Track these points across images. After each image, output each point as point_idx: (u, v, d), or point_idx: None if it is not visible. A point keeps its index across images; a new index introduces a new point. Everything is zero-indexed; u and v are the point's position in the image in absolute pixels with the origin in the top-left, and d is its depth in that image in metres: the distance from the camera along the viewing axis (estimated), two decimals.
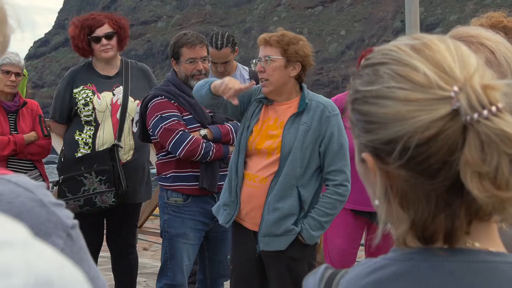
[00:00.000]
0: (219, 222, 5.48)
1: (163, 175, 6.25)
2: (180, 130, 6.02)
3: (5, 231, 0.60)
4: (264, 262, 5.27)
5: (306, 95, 5.26)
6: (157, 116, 6.09)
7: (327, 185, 5.22)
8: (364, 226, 6.62)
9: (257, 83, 5.86)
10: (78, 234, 1.36)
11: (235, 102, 5.11)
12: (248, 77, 7.10)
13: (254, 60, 5.29)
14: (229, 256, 5.63)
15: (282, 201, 5.11)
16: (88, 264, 1.41)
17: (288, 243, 5.12)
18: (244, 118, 5.33)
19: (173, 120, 6.07)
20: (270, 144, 5.19)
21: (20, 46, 8.77)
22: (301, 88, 5.31)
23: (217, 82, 5.21)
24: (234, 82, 5.17)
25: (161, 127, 6.06)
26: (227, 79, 5.26)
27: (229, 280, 6.63)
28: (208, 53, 6.34)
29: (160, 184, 6.36)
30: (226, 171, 6.15)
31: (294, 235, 5.12)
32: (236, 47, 7.17)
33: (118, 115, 6.62)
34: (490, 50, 1.99)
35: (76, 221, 1.40)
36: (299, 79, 5.26)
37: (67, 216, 1.36)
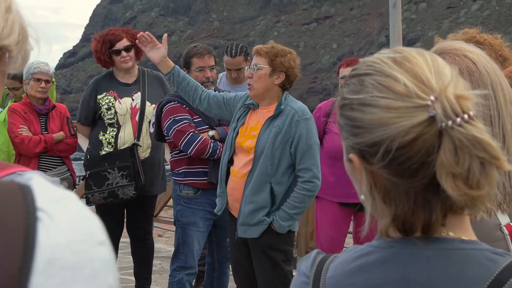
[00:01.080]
0: (214, 211, 5.54)
1: (176, 171, 6.27)
2: (191, 131, 6.04)
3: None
4: (250, 249, 5.31)
5: (283, 101, 5.27)
6: (170, 119, 6.12)
7: (298, 182, 5.22)
8: (351, 215, 6.62)
9: None
10: None
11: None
12: None
13: (246, 67, 5.34)
14: (228, 240, 5.66)
15: (256, 195, 5.15)
16: None
17: (260, 232, 5.17)
18: (232, 121, 5.38)
19: (185, 123, 6.10)
20: (250, 143, 5.24)
21: (51, 57, 8.74)
22: (283, 94, 5.31)
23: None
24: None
25: (174, 128, 6.09)
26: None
27: None
28: (215, 63, 6.36)
29: (173, 178, 6.37)
30: None
31: (266, 225, 5.16)
32: (249, 57, 7.18)
33: (137, 118, 6.66)
34: (472, 61, 1.99)
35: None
36: (283, 87, 5.26)
37: None
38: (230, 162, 5.38)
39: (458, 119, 1.31)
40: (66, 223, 0.65)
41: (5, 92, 9.04)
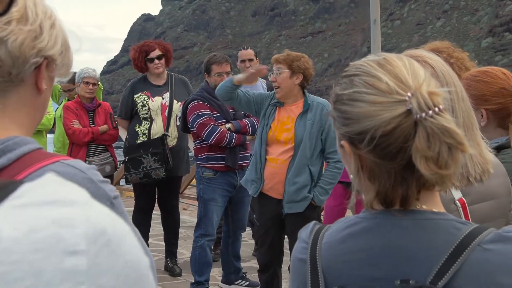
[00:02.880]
0: (249, 193, 5.45)
1: (199, 156, 6.27)
2: (212, 124, 6.04)
3: (70, 193, 0.59)
4: (285, 221, 5.23)
5: (308, 97, 5.25)
6: (195, 114, 6.12)
7: (328, 162, 5.20)
8: (347, 192, 6.59)
9: (271, 90, 5.92)
10: (119, 203, 1.36)
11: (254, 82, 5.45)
12: (266, 87, 7.14)
13: (269, 73, 5.28)
14: (254, 216, 5.62)
15: (298, 176, 5.09)
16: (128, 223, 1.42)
17: (305, 207, 5.11)
18: (263, 118, 5.30)
19: (206, 117, 6.09)
20: (286, 135, 5.16)
21: (97, 65, 8.79)
22: (303, 92, 5.29)
23: (239, 76, 5.32)
24: (253, 73, 5.35)
25: (198, 122, 6.08)
26: (249, 71, 5.38)
27: (244, 232, 6.70)
28: (231, 69, 6.39)
29: (196, 162, 6.36)
30: (245, 153, 6.25)
31: (309, 201, 5.11)
32: (258, 58, 7.20)
33: (166, 113, 6.68)
34: (431, 66, 1.99)
35: (117, 193, 1.39)
36: (302, 85, 5.23)
37: (111, 189, 1.35)
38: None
39: (430, 112, 1.30)
40: (12, 232, 0.55)
41: (59, 92, 9.11)
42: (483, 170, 1.90)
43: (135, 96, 6.73)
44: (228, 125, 6.13)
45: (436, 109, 1.31)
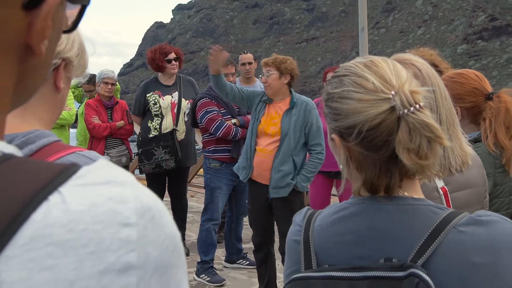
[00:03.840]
0: (240, 178, 5.47)
1: (206, 148, 6.28)
2: (219, 119, 6.07)
3: (121, 175, 0.62)
4: (272, 205, 5.25)
5: (294, 96, 5.25)
6: (203, 110, 6.14)
7: (311, 153, 5.21)
8: (333, 182, 6.59)
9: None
10: None
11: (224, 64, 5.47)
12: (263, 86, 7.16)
13: (260, 75, 5.32)
14: (247, 201, 5.64)
15: (283, 165, 5.11)
16: None
17: (288, 192, 5.12)
18: (254, 113, 5.32)
19: (214, 113, 6.11)
20: (273, 129, 5.18)
21: (115, 67, 8.80)
22: (290, 91, 5.30)
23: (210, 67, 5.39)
24: (218, 56, 5.36)
25: (207, 117, 6.10)
26: (213, 57, 5.38)
27: (246, 217, 6.70)
28: (236, 71, 6.41)
29: (204, 154, 6.36)
30: None
31: (292, 186, 5.12)
32: (256, 61, 7.16)
33: (175, 110, 6.66)
34: (418, 68, 1.99)
35: None
36: (289, 85, 5.24)
37: None
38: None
39: (412, 108, 1.30)
40: (78, 206, 0.57)
41: (81, 93, 9.15)
42: (463, 161, 1.91)
43: (147, 95, 6.72)
44: (233, 120, 6.16)
45: (417, 106, 1.31)
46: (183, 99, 6.71)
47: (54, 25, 0.67)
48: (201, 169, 9.52)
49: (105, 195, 0.59)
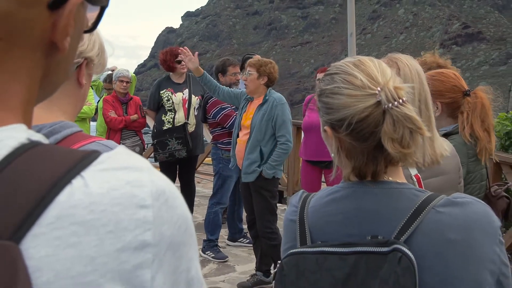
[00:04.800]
0: (229, 165, 5.52)
1: (219, 141, 6.28)
2: (235, 115, 6.03)
3: (137, 162, 0.62)
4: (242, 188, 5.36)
5: (267, 94, 5.22)
6: (218, 107, 6.16)
7: (277, 144, 5.18)
8: (321, 171, 6.59)
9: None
10: None
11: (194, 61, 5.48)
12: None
13: (241, 73, 5.33)
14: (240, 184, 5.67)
15: (251, 154, 5.13)
16: None
17: (254, 177, 5.13)
18: (239, 110, 5.37)
19: (229, 109, 6.16)
20: (248, 122, 5.21)
21: (130, 67, 8.80)
22: (268, 90, 5.28)
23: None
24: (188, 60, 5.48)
25: (222, 113, 6.16)
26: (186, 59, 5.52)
27: None
28: (240, 70, 6.43)
29: (218, 146, 6.32)
30: None
31: (257, 173, 5.11)
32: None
33: (186, 106, 6.67)
34: (405, 64, 1.99)
35: None
36: (267, 85, 5.22)
37: None
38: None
39: (396, 102, 1.30)
40: (99, 189, 0.58)
41: (101, 84, 9.19)
42: (432, 160, 1.89)
43: (161, 92, 6.71)
44: None
45: (400, 100, 1.31)
46: (193, 96, 6.71)
47: (76, 24, 0.67)
48: (207, 158, 9.51)
49: (123, 180, 0.59)
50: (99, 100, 7.88)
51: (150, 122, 7.84)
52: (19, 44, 0.61)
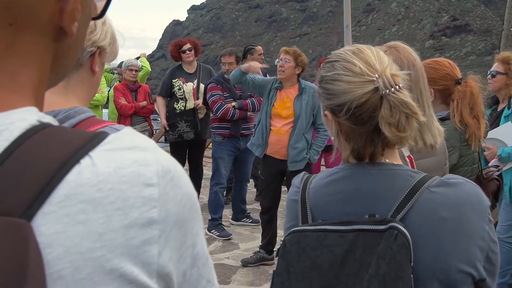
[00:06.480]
0: (256, 154, 5.38)
1: (212, 125, 6.36)
2: (220, 102, 6.09)
3: (143, 141, 0.60)
4: (287, 177, 5.23)
5: (301, 83, 5.19)
6: (209, 93, 6.20)
7: (318, 131, 5.19)
8: (322, 154, 6.59)
9: (265, 75, 5.92)
10: None
11: (258, 73, 5.33)
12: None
13: (277, 60, 5.21)
14: (259, 172, 5.62)
15: (298, 143, 5.09)
16: None
17: (304, 165, 5.10)
18: (267, 98, 5.23)
19: (217, 96, 6.14)
20: (286, 112, 5.13)
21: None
22: (298, 79, 5.23)
23: (245, 65, 5.27)
24: (255, 64, 5.29)
25: (210, 99, 6.17)
26: (252, 62, 5.37)
27: (249, 183, 6.74)
28: (236, 60, 6.37)
29: (211, 129, 6.44)
30: (248, 124, 6.28)
31: (306, 160, 5.11)
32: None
33: (196, 94, 6.68)
34: (402, 52, 1.97)
35: None
36: (298, 75, 5.20)
37: None
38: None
39: (392, 89, 1.29)
40: (106, 168, 0.57)
41: (112, 77, 9.18)
42: (431, 145, 1.88)
43: (173, 81, 6.72)
44: (233, 103, 6.17)
45: (397, 87, 1.30)
46: (201, 84, 6.72)
47: (83, 9, 0.66)
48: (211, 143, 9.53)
49: (130, 159, 0.58)
50: (109, 89, 7.90)
51: (162, 109, 7.87)
52: (28, 29, 0.60)
